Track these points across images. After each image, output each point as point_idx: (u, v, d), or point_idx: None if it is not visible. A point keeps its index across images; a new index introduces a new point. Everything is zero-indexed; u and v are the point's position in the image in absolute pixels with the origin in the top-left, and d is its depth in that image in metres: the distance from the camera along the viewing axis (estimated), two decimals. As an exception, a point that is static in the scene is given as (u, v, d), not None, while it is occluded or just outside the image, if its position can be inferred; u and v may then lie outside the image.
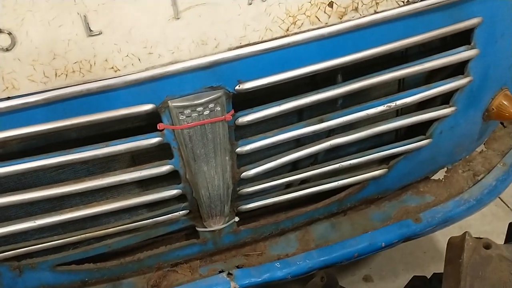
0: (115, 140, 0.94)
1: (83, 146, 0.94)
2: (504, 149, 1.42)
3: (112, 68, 0.87)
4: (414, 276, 1.42)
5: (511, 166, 1.38)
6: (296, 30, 0.93)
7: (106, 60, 0.87)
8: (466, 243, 0.96)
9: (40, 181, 1.02)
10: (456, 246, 0.98)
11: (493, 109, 1.22)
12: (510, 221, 1.13)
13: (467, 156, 1.38)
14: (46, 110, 0.88)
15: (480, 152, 1.41)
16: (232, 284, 1.14)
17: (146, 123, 1.00)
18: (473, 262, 0.94)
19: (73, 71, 0.86)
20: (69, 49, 0.85)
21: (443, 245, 2.02)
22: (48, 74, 0.85)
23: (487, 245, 0.95)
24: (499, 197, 2.12)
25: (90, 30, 0.85)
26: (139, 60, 0.88)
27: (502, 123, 1.48)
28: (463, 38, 1.10)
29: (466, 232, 0.98)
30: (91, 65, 0.86)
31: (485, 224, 2.10)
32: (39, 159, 0.93)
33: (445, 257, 1.01)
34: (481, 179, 1.35)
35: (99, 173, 1.03)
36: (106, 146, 0.94)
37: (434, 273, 1.34)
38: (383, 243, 1.25)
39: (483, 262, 0.93)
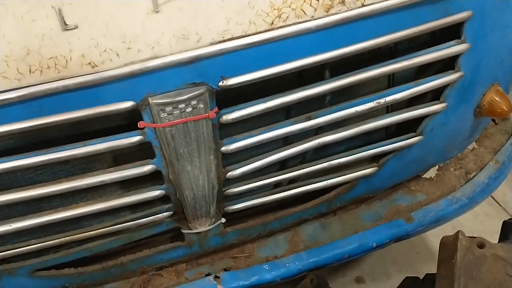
0: (94, 139, 0.91)
1: (60, 146, 0.90)
2: (496, 147, 1.39)
3: (89, 64, 0.84)
4: (407, 277, 1.39)
5: (503, 164, 1.36)
6: (281, 24, 0.90)
7: (82, 55, 0.83)
8: (460, 243, 0.93)
9: (17, 182, 0.98)
10: (449, 245, 0.95)
11: (484, 105, 1.19)
12: (505, 220, 1.10)
13: (459, 154, 1.36)
14: (20, 108, 0.84)
15: (472, 150, 1.39)
16: (219, 287, 1.11)
17: (128, 122, 0.96)
18: (467, 262, 0.91)
19: (48, 67, 0.82)
20: (43, 44, 0.82)
21: (435, 245, 2.00)
22: (22, 71, 0.82)
23: (481, 244, 0.92)
24: (492, 196, 2.11)
25: (66, 24, 0.81)
26: (118, 55, 0.84)
27: (493, 120, 1.46)
28: (452, 33, 1.07)
29: (459, 231, 0.95)
30: (67, 61, 0.83)
31: (478, 223, 2.09)
32: (15, 159, 0.89)
33: (438, 257, 0.98)
34: (473, 177, 1.33)
35: (79, 174, 0.99)
36: (84, 145, 0.90)
37: (427, 274, 1.31)
38: (374, 244, 1.22)
39: (477, 262, 0.90)
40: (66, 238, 1.02)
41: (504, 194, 2.17)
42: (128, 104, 0.88)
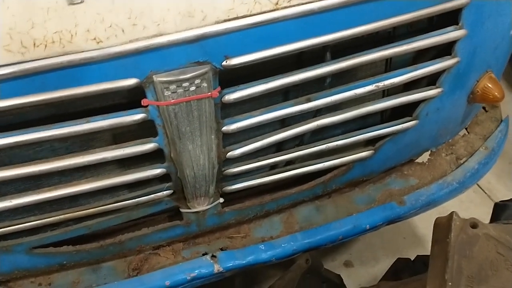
0: (97, 116, 0.90)
1: (62, 122, 0.90)
2: (486, 133, 1.43)
3: (95, 39, 0.83)
4: (398, 258, 1.42)
5: (492, 150, 1.39)
6: (285, 4, 0.90)
7: (88, 30, 0.83)
8: (453, 223, 0.95)
9: (16, 160, 0.98)
10: (443, 226, 0.98)
11: (478, 91, 1.22)
12: (496, 202, 1.14)
13: (450, 140, 1.39)
14: (23, 83, 0.83)
15: (463, 136, 1.42)
16: (216, 266, 1.12)
17: (129, 101, 0.96)
18: (460, 241, 0.93)
19: (53, 42, 0.82)
20: (48, 17, 0.81)
21: (422, 230, 2.04)
22: (26, 44, 0.81)
23: (474, 225, 0.95)
24: (477, 183, 2.15)
25: (71, -2, 0.81)
26: (123, 31, 0.84)
27: (484, 108, 1.49)
28: (450, 20, 1.09)
29: (453, 212, 0.97)
30: (72, 35, 0.82)
31: (462, 210, 2.12)
32: (15, 135, 0.88)
33: (432, 238, 1.01)
34: (463, 162, 1.36)
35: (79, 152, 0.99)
36: (87, 122, 0.90)
37: (417, 255, 1.35)
38: (368, 226, 1.24)
39: (470, 241, 0.93)
40: (65, 215, 1.02)
41: (488, 182, 2.22)
42: (132, 81, 0.87)
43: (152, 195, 1.05)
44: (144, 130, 0.98)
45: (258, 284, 1.77)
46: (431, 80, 1.16)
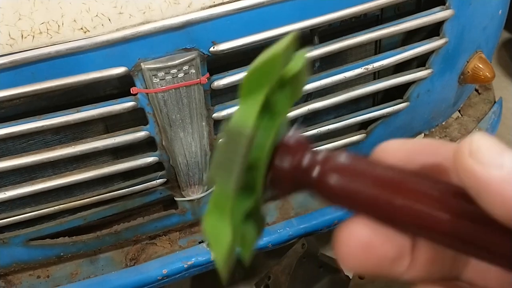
0: (87, 106, 0.91)
1: (53, 112, 0.91)
2: (479, 115, 1.43)
3: (82, 29, 0.84)
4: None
5: (486, 131, 1.39)
6: (271, -12, 0.91)
7: (74, 20, 0.83)
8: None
9: (9, 153, 0.98)
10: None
11: (468, 72, 1.22)
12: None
13: (444, 122, 1.39)
14: (13, 74, 0.84)
15: (456, 119, 1.42)
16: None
17: (118, 91, 0.97)
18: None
19: (40, 33, 0.83)
20: (35, 9, 0.82)
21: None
22: (14, 36, 0.82)
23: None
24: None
25: (57, -12, 0.82)
26: (109, 20, 0.85)
27: (477, 90, 1.49)
28: (437, 2, 1.09)
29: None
30: (59, 26, 0.83)
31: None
32: (7, 126, 0.89)
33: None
34: (457, 144, 1.36)
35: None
36: (78, 111, 0.91)
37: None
38: (363, 210, 1.24)
39: None
40: (61, 206, 1.02)
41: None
42: (120, 69, 0.88)
43: (146, 184, 1.05)
44: (136, 120, 0.99)
45: (258, 275, 1.77)
46: (420, 62, 1.16)
